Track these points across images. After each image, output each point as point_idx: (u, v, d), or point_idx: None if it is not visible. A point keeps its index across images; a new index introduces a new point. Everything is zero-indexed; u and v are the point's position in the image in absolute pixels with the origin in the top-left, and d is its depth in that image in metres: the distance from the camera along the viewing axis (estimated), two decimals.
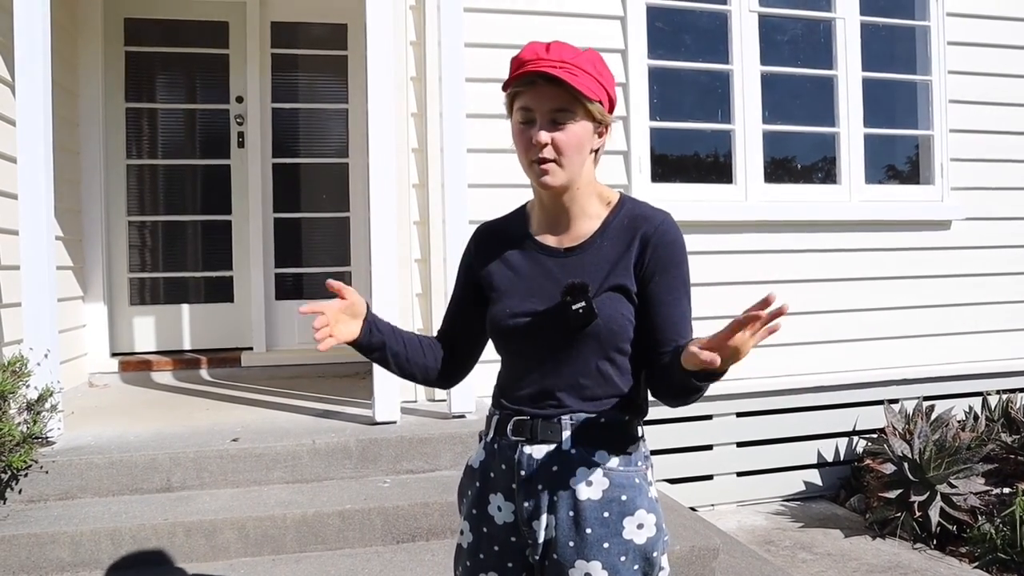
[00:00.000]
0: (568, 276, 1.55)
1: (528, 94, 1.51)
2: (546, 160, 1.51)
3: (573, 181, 1.56)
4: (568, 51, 1.51)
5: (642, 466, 1.59)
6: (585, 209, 1.60)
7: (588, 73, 1.50)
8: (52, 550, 2.88)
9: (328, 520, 3.05)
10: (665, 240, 1.56)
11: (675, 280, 1.57)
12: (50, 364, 3.30)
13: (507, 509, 1.62)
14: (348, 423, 3.62)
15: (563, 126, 1.51)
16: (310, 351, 5.12)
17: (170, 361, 4.96)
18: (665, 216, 1.60)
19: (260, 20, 5.32)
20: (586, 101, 1.50)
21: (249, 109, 5.25)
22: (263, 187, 5.24)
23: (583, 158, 1.54)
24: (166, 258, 5.30)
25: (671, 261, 1.56)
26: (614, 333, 1.54)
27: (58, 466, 3.17)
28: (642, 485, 1.57)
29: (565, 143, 1.51)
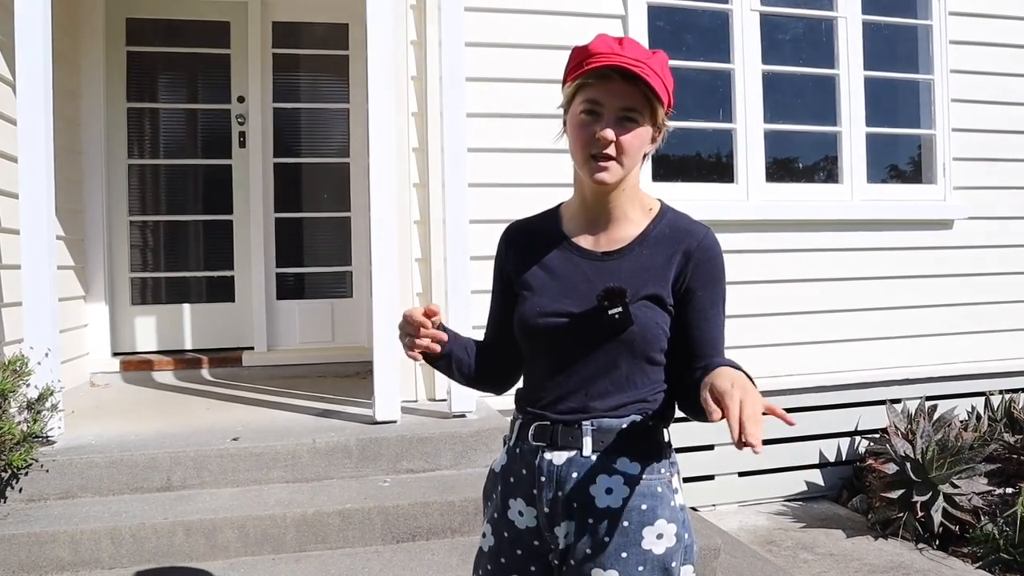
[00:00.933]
0: (604, 280, 1.52)
1: (598, 88, 1.47)
2: (608, 157, 1.48)
3: (625, 181, 1.53)
4: (641, 50, 1.48)
5: (666, 474, 1.55)
6: (626, 213, 1.57)
7: (658, 75, 1.47)
8: (52, 549, 2.88)
9: (328, 519, 3.05)
10: (708, 256, 1.54)
11: (715, 296, 1.55)
12: (51, 363, 3.29)
13: (529, 514, 1.60)
14: (348, 422, 3.62)
15: (631, 127, 1.48)
16: (310, 351, 5.12)
17: (171, 361, 4.96)
18: (708, 231, 1.57)
19: (261, 20, 5.32)
20: (656, 105, 1.48)
21: (250, 109, 5.25)
22: (264, 187, 5.24)
23: (638, 160, 1.52)
24: (167, 258, 5.30)
25: (712, 277, 1.55)
26: (647, 342, 1.51)
27: (58, 465, 3.17)
28: (665, 494, 1.53)
29: (629, 144, 1.48)
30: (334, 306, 5.31)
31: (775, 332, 4.72)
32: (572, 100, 1.52)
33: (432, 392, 4.03)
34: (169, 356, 5.02)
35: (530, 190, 4.30)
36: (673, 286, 1.53)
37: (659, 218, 1.58)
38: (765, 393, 4.20)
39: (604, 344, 1.51)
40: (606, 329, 1.48)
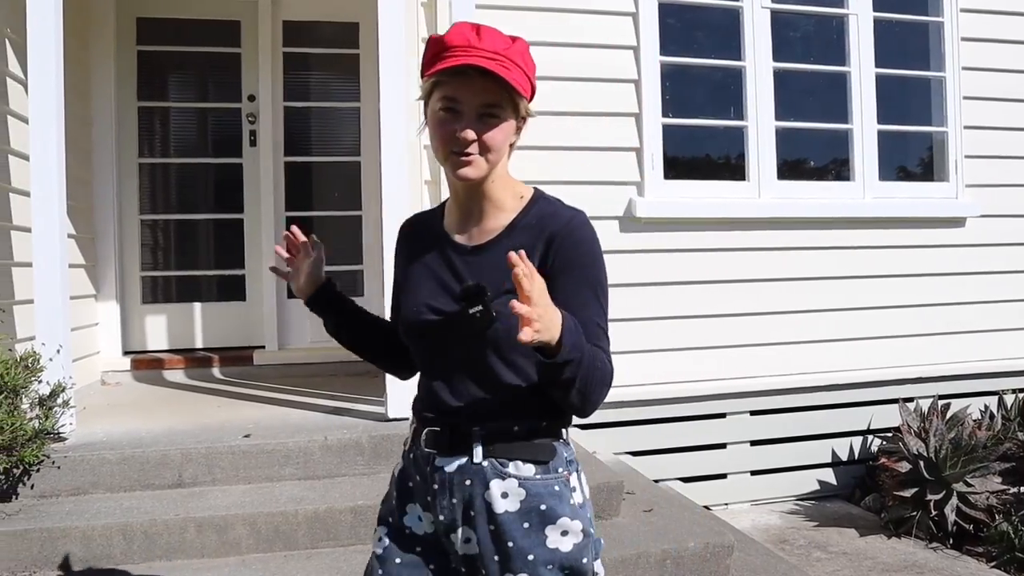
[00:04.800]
0: (473, 275, 1.49)
1: (456, 85, 1.43)
2: (469, 153, 1.45)
3: (492, 174, 1.50)
4: (501, 40, 1.44)
5: (563, 472, 1.51)
6: (497, 204, 1.54)
7: (518, 66, 1.44)
8: (64, 545, 2.89)
9: (340, 516, 3.04)
10: (572, 240, 1.48)
11: (580, 282, 1.47)
12: (62, 360, 3.30)
13: (426, 520, 1.59)
14: (360, 420, 3.62)
15: (493, 123, 1.45)
16: (322, 350, 5.11)
17: (182, 359, 4.96)
18: (574, 215, 1.52)
19: (272, 19, 5.32)
20: (518, 99, 1.45)
21: (261, 108, 5.26)
22: (275, 186, 5.24)
23: (504, 153, 1.50)
24: (178, 256, 5.31)
25: (577, 262, 1.48)
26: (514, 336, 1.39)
27: (70, 461, 3.17)
28: (563, 492, 1.49)
29: (492, 140, 1.45)
30: None
31: (786, 330, 4.70)
32: (430, 95, 1.48)
33: None
34: (180, 355, 5.03)
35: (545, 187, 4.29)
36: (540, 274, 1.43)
37: (529, 206, 1.54)
38: (777, 391, 4.16)
39: (477, 343, 1.46)
40: (474, 327, 1.42)
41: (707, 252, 4.58)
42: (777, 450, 4.70)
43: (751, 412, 4.67)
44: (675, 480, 4.48)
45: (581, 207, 1.58)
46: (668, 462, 4.50)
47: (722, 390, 4.59)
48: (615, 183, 4.47)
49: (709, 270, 4.57)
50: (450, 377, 1.53)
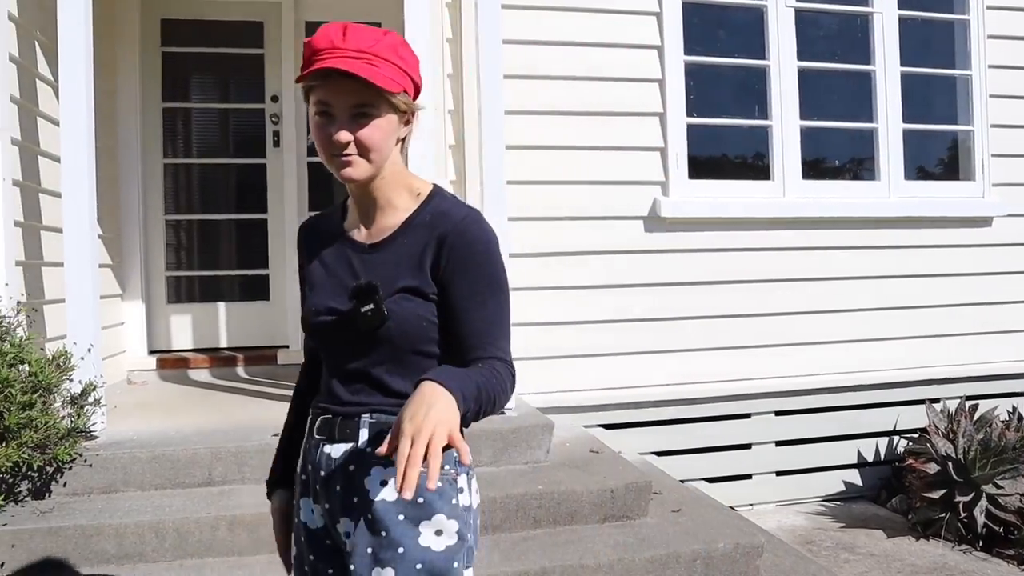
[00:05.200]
0: (369, 273, 1.48)
1: (325, 89, 1.40)
2: (349, 154, 1.43)
3: (379, 174, 1.48)
4: (367, 37, 1.41)
5: (449, 470, 1.46)
6: (392, 201, 1.52)
7: (389, 62, 1.41)
8: (97, 542, 2.90)
9: None
10: (464, 240, 1.45)
11: (475, 284, 1.45)
12: (93, 359, 3.32)
13: (318, 512, 1.57)
14: None
15: (366, 122, 1.41)
16: None
17: (207, 359, 4.98)
18: (468, 213, 1.48)
19: (295, 20, 5.34)
20: (389, 95, 1.40)
21: (284, 108, 5.28)
22: (298, 186, 5.26)
23: (389, 150, 1.47)
24: (202, 256, 5.33)
25: (471, 262, 1.44)
26: (408, 336, 1.46)
27: (102, 460, 3.19)
28: (444, 490, 1.45)
29: (369, 139, 1.42)
30: None
31: (810, 330, 4.68)
32: (308, 100, 1.47)
33: None
34: (205, 354, 5.05)
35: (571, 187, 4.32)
36: (432, 274, 1.46)
37: (425, 204, 1.51)
38: (802, 391, 4.14)
39: (370, 340, 1.46)
40: (365, 325, 1.43)
41: (731, 252, 4.56)
42: (802, 451, 4.68)
43: (776, 412, 4.64)
44: (700, 480, 4.47)
45: (606, 206, 1.58)
46: (693, 462, 4.49)
47: (746, 390, 4.58)
48: (639, 183, 4.46)
49: (733, 270, 4.56)
50: (347, 375, 1.52)
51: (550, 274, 4.30)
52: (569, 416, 4.19)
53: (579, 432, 4.08)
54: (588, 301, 4.35)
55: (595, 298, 4.36)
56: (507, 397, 1.42)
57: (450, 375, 1.30)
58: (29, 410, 2.82)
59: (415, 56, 1.48)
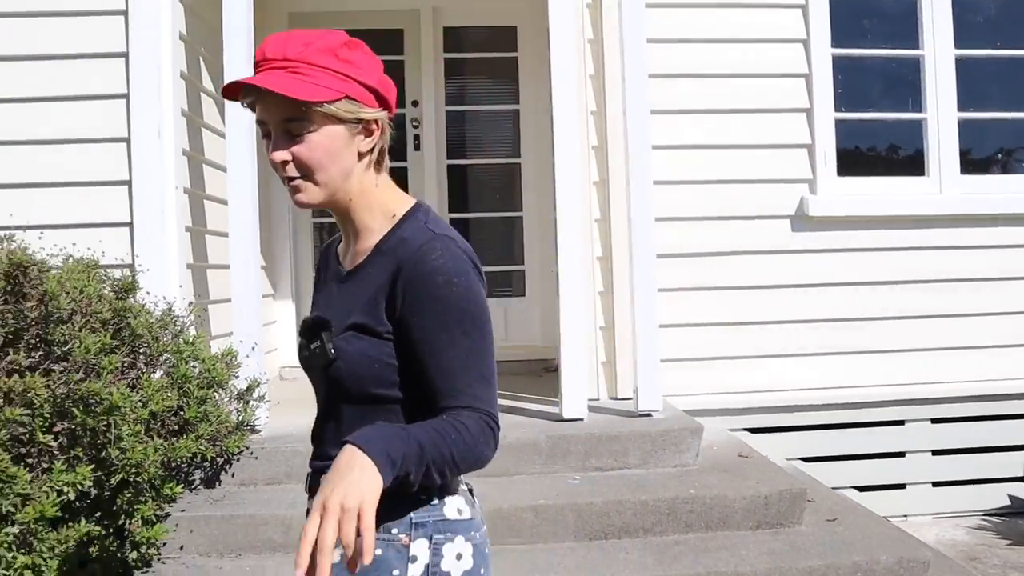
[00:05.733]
0: (335, 305, 1.33)
1: (259, 106, 1.26)
2: (294, 178, 1.27)
3: (337, 195, 1.30)
4: (297, 42, 1.25)
5: (400, 535, 1.25)
6: (366, 224, 1.33)
7: (322, 67, 1.24)
8: (265, 531, 3.05)
9: (522, 514, 3.08)
10: (418, 272, 1.24)
11: (437, 322, 1.24)
12: (257, 357, 3.49)
13: None
14: (535, 419, 3.65)
15: (299, 139, 1.24)
16: None
17: None
18: (427, 240, 1.25)
19: (433, 26, 5.46)
20: (315, 106, 1.23)
21: (424, 113, 5.40)
22: (439, 188, 5.38)
23: (343, 167, 1.28)
24: None
25: (428, 297, 1.23)
26: (359, 379, 1.27)
27: (266, 453, 3.35)
28: (388, 559, 1.24)
29: (308, 158, 1.25)
30: (508, 305, 5.38)
31: (976, 334, 4.42)
32: None
33: (614, 390, 4.01)
34: None
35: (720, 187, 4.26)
36: (386, 311, 1.26)
37: (396, 228, 1.31)
38: (962, 398, 3.91)
39: (329, 381, 1.31)
40: (316, 363, 1.30)
41: (884, 251, 4.37)
42: (962, 461, 4.43)
43: (932, 420, 4.42)
44: (849, 488, 4.30)
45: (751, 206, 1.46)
46: (842, 469, 4.33)
47: (900, 396, 4.38)
48: (785, 181, 4.34)
49: (886, 270, 4.37)
50: (321, 415, 1.40)
51: (694, 275, 4.24)
52: (713, 419, 4.11)
53: (725, 436, 4.01)
54: (732, 302, 4.26)
55: (740, 299, 4.27)
56: (479, 453, 1.22)
57: (379, 435, 1.15)
58: (204, 405, 2.99)
59: (369, 56, 1.31)
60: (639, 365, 3.64)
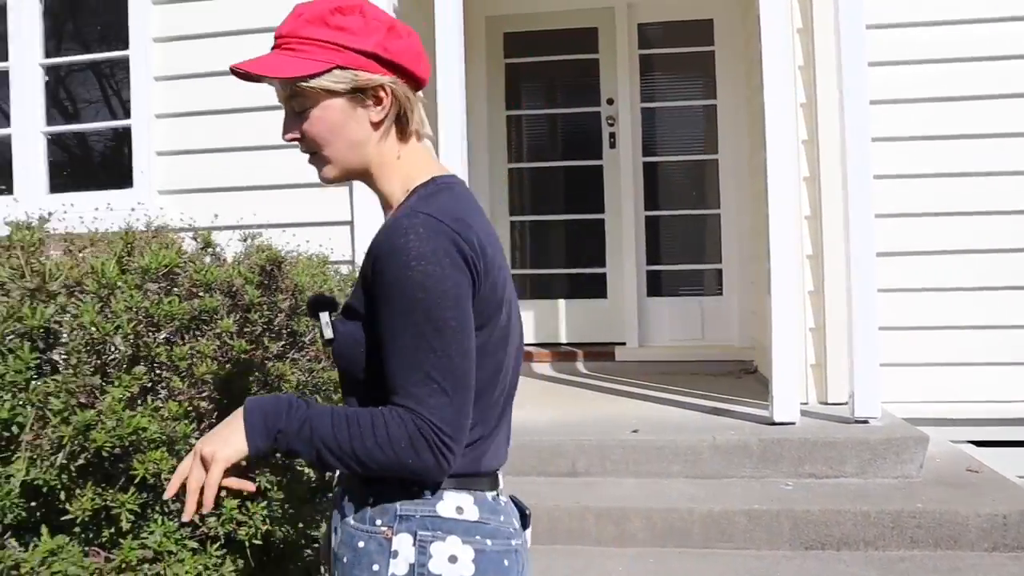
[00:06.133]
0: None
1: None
2: (311, 155, 1.26)
3: (352, 167, 1.26)
4: (292, 17, 1.22)
5: (381, 527, 1.19)
6: (389, 197, 1.28)
7: (312, 40, 1.19)
8: None
9: (735, 518, 3.01)
10: (383, 251, 1.15)
11: (387, 309, 1.14)
12: None
13: None
14: (743, 421, 3.56)
15: (304, 115, 1.23)
16: (680, 348, 5.14)
17: (548, 353, 5.23)
18: (402, 221, 1.14)
19: (628, 23, 5.43)
20: (301, 81, 1.19)
21: (619, 110, 5.39)
22: (635, 186, 5.34)
23: (351, 139, 1.23)
24: (543, 255, 5.61)
25: (385, 281, 1.14)
26: (345, 360, 1.23)
27: None
28: (369, 550, 1.18)
29: (314, 132, 1.23)
30: (703, 303, 5.28)
31: None
32: None
33: (824, 395, 3.85)
34: (546, 349, 5.31)
35: (941, 180, 3.98)
36: (364, 291, 1.20)
37: (404, 202, 1.24)
38: None
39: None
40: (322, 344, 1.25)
41: None
42: None
43: None
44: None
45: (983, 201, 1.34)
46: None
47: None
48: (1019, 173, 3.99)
49: None
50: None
51: (916, 275, 3.97)
52: (933, 429, 3.84)
53: (948, 447, 3.74)
54: (959, 305, 3.96)
55: (968, 301, 3.96)
56: (396, 457, 1.11)
57: (265, 405, 1.17)
58: None
59: (368, 19, 1.21)
60: (856, 369, 3.46)
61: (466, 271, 1.14)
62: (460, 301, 1.13)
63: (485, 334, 1.18)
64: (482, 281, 1.16)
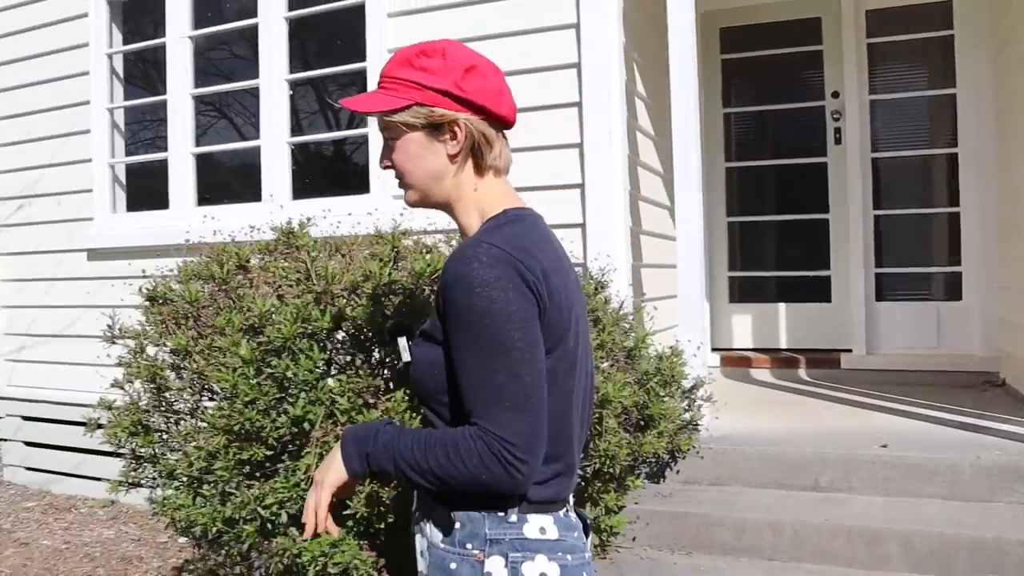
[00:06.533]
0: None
1: None
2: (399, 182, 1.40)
3: (431, 196, 1.39)
4: (390, 61, 1.37)
5: (472, 550, 1.27)
6: (468, 227, 1.39)
7: (396, 79, 1.33)
8: (718, 532, 3.06)
9: (1008, 548, 2.75)
10: (450, 278, 1.25)
11: (456, 333, 1.24)
12: (702, 356, 3.52)
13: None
14: (1006, 440, 3.27)
15: (391, 145, 1.37)
16: (911, 356, 4.82)
17: (767, 359, 5.04)
18: (472, 245, 1.26)
19: (855, 11, 5.14)
20: (385, 116, 1.34)
21: (846, 104, 5.11)
22: (862, 183, 5.05)
23: (429, 171, 1.36)
24: (762, 257, 5.42)
25: (453, 306, 1.24)
26: (420, 383, 1.34)
27: (712, 453, 3.36)
28: (460, 572, 1.27)
29: (400, 163, 1.37)
30: (939, 309, 4.91)
31: None
32: None
33: None
34: (765, 354, 5.12)
35: None
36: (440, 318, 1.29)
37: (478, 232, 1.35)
38: None
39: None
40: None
41: None
42: None
43: None
44: None
45: None
46: None
47: None
48: None
49: None
50: None
51: None
52: None
53: None
54: None
55: None
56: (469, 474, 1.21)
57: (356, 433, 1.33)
58: (664, 402, 3.06)
59: (449, 60, 1.33)
60: None
61: (530, 296, 1.23)
62: (526, 324, 1.22)
63: (554, 358, 1.27)
64: (546, 307, 1.25)
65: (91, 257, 4.98)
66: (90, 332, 4.89)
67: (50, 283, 5.17)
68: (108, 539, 4.33)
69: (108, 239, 4.84)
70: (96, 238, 4.89)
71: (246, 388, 2.20)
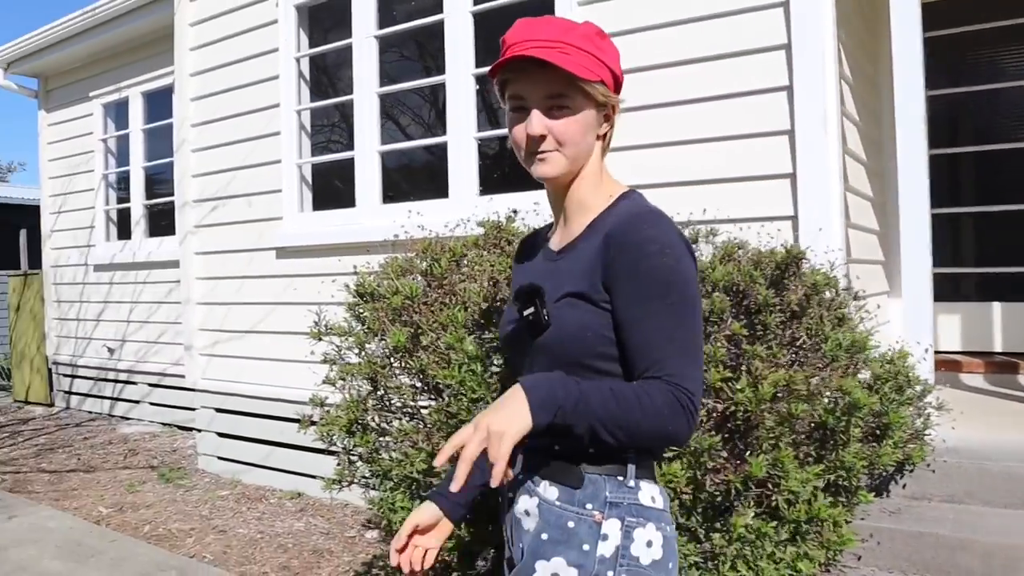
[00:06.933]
0: (549, 280, 1.38)
1: (519, 81, 1.35)
2: (544, 151, 1.35)
3: (575, 169, 1.39)
4: (559, 27, 1.33)
5: (592, 511, 1.31)
6: (585, 203, 1.41)
7: (583, 51, 1.32)
8: (961, 557, 2.76)
9: None
10: (630, 239, 1.29)
11: (643, 289, 1.26)
12: (929, 361, 3.21)
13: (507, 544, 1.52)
14: None
15: (561, 114, 1.33)
16: None
17: (980, 363, 4.60)
18: (640, 211, 1.33)
19: None
20: (583, 84, 1.32)
21: None
22: None
23: (588, 144, 1.38)
24: (974, 252, 4.96)
25: (637, 264, 1.27)
26: (566, 346, 1.31)
27: (946, 467, 3.05)
28: (578, 532, 1.30)
29: (565, 131, 1.34)
30: None
31: None
32: (503, 96, 1.39)
33: None
34: (976, 358, 4.67)
35: None
36: (603, 278, 1.30)
37: (612, 206, 1.39)
38: None
39: (536, 352, 1.36)
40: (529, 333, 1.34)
41: None
42: None
43: None
44: None
45: None
46: None
47: None
48: None
49: None
50: None
51: None
52: None
53: None
54: None
55: None
56: (662, 426, 1.21)
57: (545, 382, 1.22)
58: (899, 409, 2.79)
59: (614, 48, 1.37)
60: None
61: (693, 259, 1.32)
62: (696, 283, 1.30)
63: None
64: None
65: (280, 255, 5.12)
66: (279, 328, 5.04)
67: (242, 281, 5.35)
68: (299, 531, 4.42)
69: (297, 237, 4.96)
70: (285, 237, 5.02)
71: (473, 384, 2.12)
